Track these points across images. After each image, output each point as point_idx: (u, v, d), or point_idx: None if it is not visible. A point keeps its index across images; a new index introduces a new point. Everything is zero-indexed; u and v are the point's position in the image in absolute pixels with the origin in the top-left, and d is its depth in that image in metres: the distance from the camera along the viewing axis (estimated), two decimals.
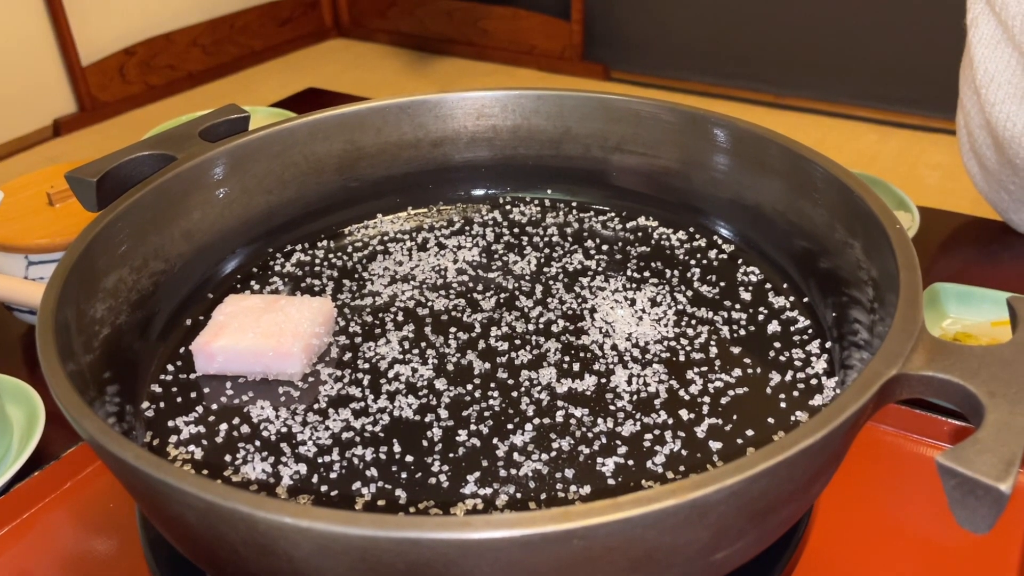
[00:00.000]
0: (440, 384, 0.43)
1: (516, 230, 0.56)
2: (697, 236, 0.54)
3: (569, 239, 0.55)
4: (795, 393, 0.42)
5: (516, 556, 0.26)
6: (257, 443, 0.40)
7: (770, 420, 0.40)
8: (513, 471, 0.38)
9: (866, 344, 0.39)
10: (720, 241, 0.53)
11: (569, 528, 0.26)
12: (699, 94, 2.61)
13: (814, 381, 0.42)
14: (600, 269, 0.52)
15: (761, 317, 0.47)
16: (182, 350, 0.46)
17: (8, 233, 0.59)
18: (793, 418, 0.40)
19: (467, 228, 0.57)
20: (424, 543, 0.26)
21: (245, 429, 0.41)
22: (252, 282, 0.52)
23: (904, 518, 0.45)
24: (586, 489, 0.37)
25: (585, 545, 0.26)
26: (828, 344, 0.44)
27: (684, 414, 0.41)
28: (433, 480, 0.38)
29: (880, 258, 0.39)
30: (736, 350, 0.45)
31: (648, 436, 0.40)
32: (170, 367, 0.45)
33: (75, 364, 0.37)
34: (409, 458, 0.39)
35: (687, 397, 0.42)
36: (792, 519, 0.34)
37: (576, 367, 0.44)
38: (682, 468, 0.38)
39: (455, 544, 0.26)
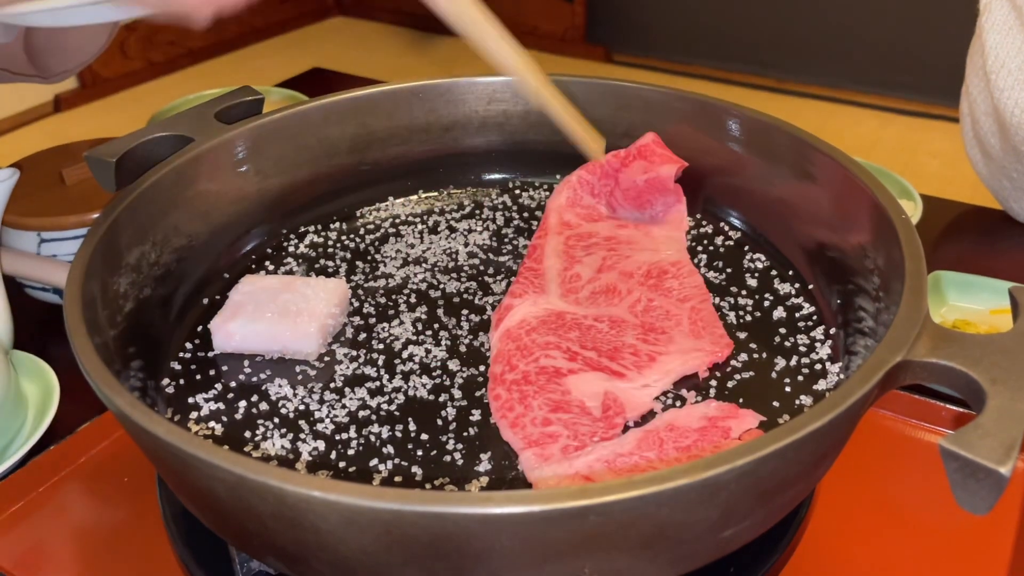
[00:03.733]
0: (453, 365, 0.44)
1: (525, 214, 0.57)
2: (704, 223, 0.55)
3: None
4: (800, 378, 0.43)
5: (535, 530, 0.27)
6: (276, 420, 0.41)
7: (775, 403, 0.41)
8: None
9: (871, 331, 0.40)
10: (727, 228, 0.54)
11: (587, 504, 0.27)
12: (700, 78, 2.60)
13: (818, 366, 0.43)
14: None
15: (767, 303, 0.48)
16: (200, 328, 0.47)
17: (20, 211, 0.60)
18: (798, 402, 0.41)
19: (477, 212, 0.57)
20: (447, 517, 0.27)
21: (264, 406, 0.42)
22: (267, 263, 0.53)
23: (902, 500, 0.46)
24: None
25: (601, 521, 0.27)
26: (832, 331, 0.45)
27: (692, 397, 0.42)
28: (448, 458, 0.39)
29: (886, 248, 0.40)
30: (742, 335, 0.46)
31: None
32: (188, 345, 0.46)
33: (101, 337, 0.38)
34: (424, 436, 0.40)
35: (695, 380, 0.43)
36: (797, 499, 0.35)
37: None
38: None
39: (477, 518, 0.27)
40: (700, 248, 0.53)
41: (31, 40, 0.59)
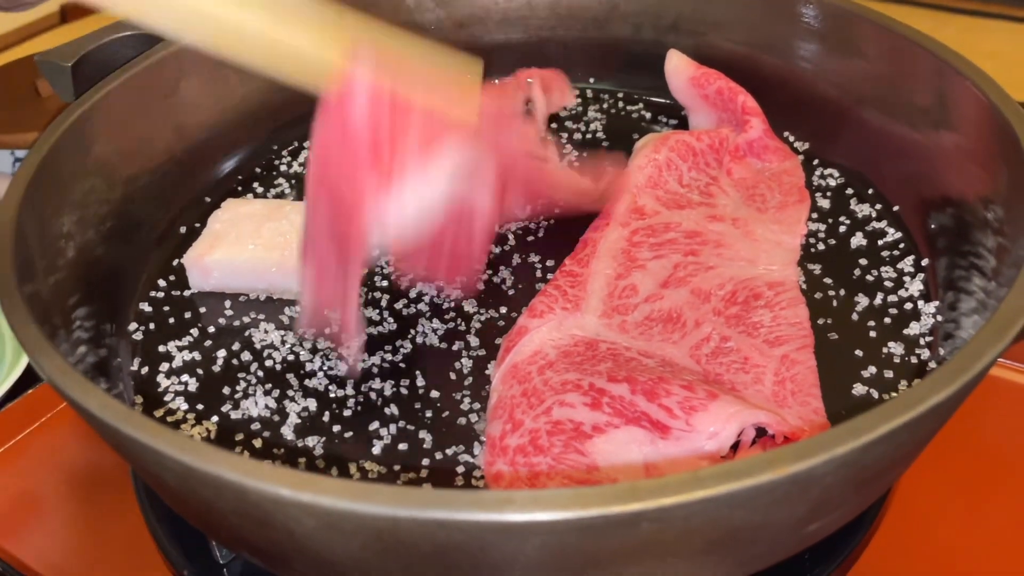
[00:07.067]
0: (469, 306, 0.38)
1: (553, 125, 0.50)
2: None
3: (615, 136, 0.49)
4: (887, 320, 0.36)
5: (568, 541, 0.21)
6: (260, 373, 0.36)
7: (858, 352, 0.35)
8: None
9: (992, 272, 0.32)
10: (792, 138, 0.47)
11: (638, 510, 0.20)
12: None
13: (908, 305, 0.37)
14: None
15: (843, 228, 0.41)
16: (176, 262, 0.41)
17: None
18: (886, 350, 0.35)
19: None
20: (454, 525, 0.21)
21: (246, 356, 0.36)
22: (255, 184, 0.47)
23: (1001, 451, 0.38)
24: None
25: (657, 528, 0.21)
26: (924, 261, 0.38)
27: None
28: (463, 420, 0.33)
29: (1001, 156, 0.33)
30: (815, 268, 0.39)
31: None
32: (162, 282, 0.40)
33: (35, 285, 0.31)
34: (435, 394, 0.35)
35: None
36: (896, 479, 0.28)
37: None
38: None
39: (493, 527, 0.21)
40: None
41: None
